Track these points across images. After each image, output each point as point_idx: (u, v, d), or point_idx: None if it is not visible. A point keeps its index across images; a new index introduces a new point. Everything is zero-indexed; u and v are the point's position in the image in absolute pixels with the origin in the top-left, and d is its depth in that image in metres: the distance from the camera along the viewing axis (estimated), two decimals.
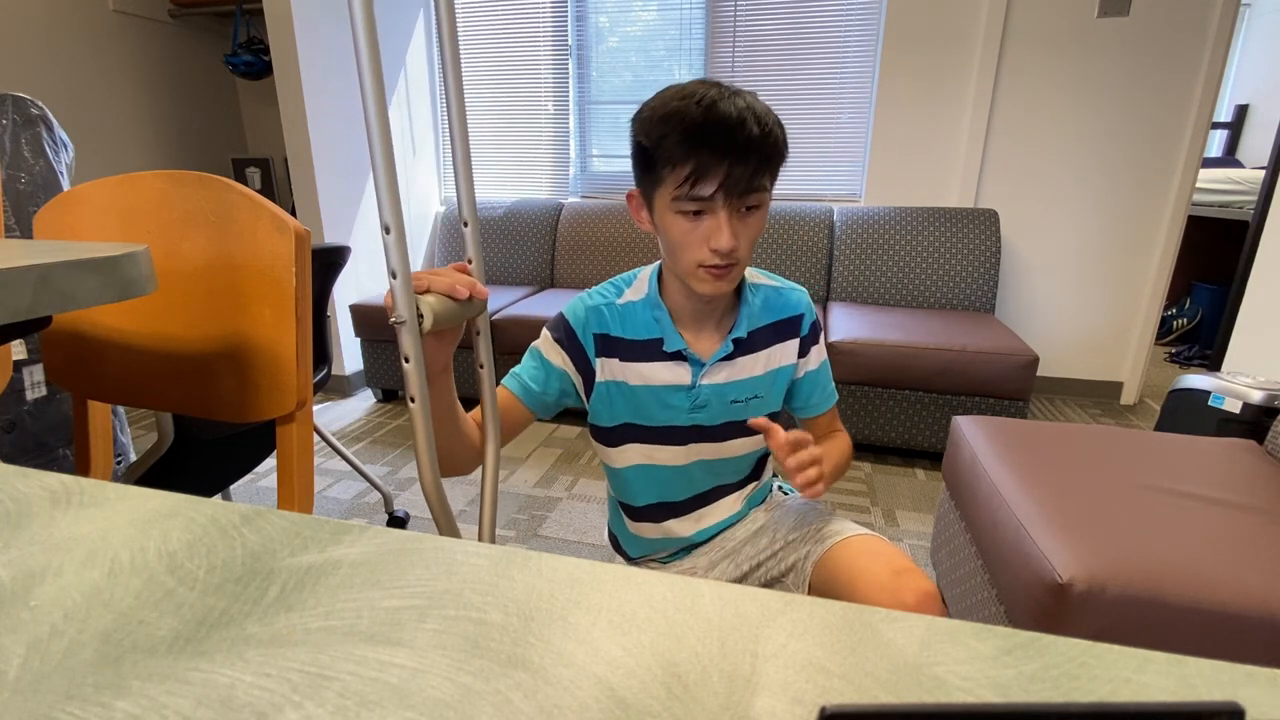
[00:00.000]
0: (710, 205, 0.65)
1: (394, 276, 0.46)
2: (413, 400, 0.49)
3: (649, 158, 0.66)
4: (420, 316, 0.48)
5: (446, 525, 0.56)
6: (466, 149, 0.54)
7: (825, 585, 0.74)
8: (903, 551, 0.74)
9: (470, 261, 0.57)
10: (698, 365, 0.77)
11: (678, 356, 0.77)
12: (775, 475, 0.95)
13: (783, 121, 0.68)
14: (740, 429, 0.81)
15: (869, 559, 0.72)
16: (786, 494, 0.92)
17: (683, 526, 0.85)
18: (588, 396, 0.80)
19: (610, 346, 0.78)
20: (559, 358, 0.78)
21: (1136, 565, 0.81)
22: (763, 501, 0.90)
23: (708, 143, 0.62)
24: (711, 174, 0.63)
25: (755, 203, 0.66)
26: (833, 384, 0.86)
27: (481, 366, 0.59)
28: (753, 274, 0.83)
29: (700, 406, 0.78)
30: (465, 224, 0.55)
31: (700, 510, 0.85)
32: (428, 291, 0.51)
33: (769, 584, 0.82)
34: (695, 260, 0.68)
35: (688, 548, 0.88)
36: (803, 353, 0.82)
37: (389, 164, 0.44)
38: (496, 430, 0.62)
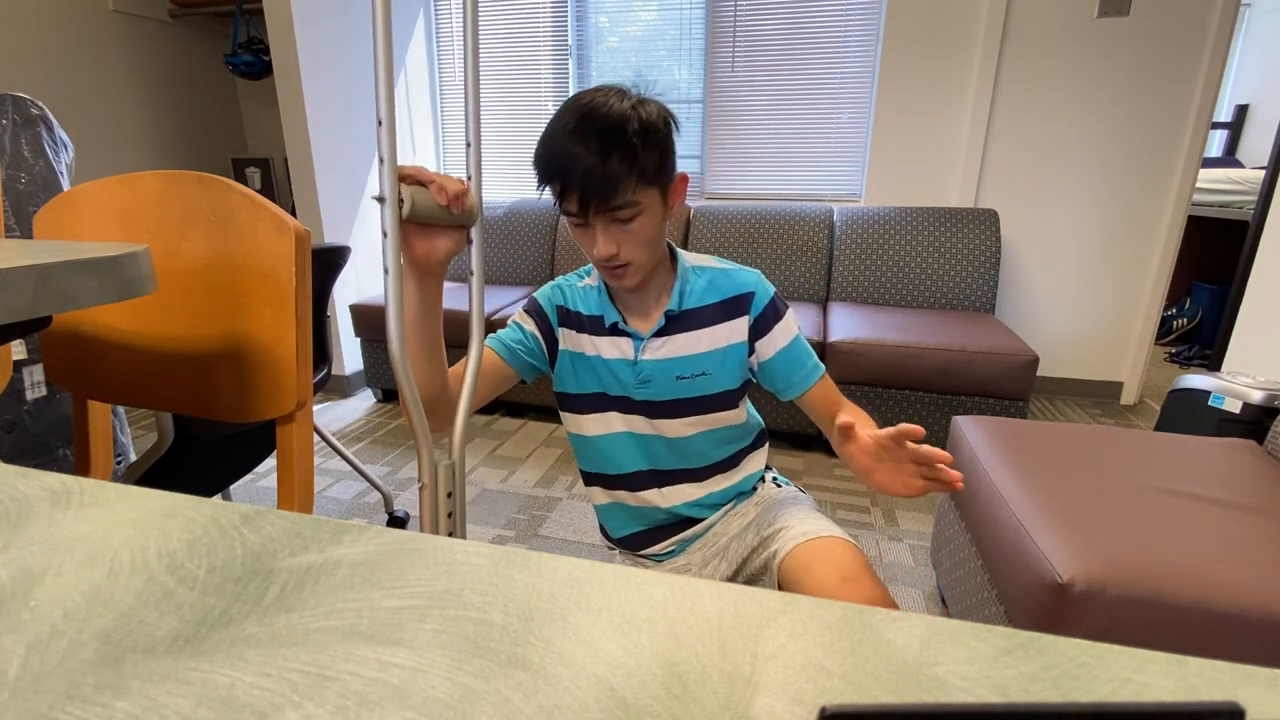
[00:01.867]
0: (584, 218, 0.70)
1: (381, 161, 0.51)
2: (386, 271, 0.54)
3: (539, 175, 0.72)
4: (401, 201, 0.54)
5: (413, 405, 0.58)
6: (476, 71, 0.57)
7: (787, 587, 0.75)
8: (859, 556, 0.74)
9: (470, 179, 0.60)
10: (638, 340, 0.81)
11: (618, 331, 0.82)
12: (769, 468, 0.94)
13: (671, 119, 0.72)
14: (691, 406, 0.82)
15: (820, 564, 0.73)
16: (780, 486, 0.92)
17: (660, 498, 0.87)
18: (552, 363, 0.86)
19: (569, 319, 0.85)
20: (529, 324, 0.84)
21: (1136, 565, 0.81)
22: (751, 491, 0.91)
23: (561, 169, 0.68)
24: (569, 196, 0.69)
25: (627, 215, 0.70)
26: (815, 358, 0.84)
27: (471, 274, 0.63)
28: (700, 259, 0.85)
29: (645, 381, 0.82)
30: (469, 144, 0.59)
31: (673, 486, 0.87)
32: (416, 183, 0.56)
33: (751, 581, 0.83)
34: (594, 261, 0.75)
35: (679, 546, 0.89)
36: (761, 332, 0.82)
37: (388, 64, 0.48)
38: (479, 345, 0.64)
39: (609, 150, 0.66)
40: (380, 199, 0.53)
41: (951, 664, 0.23)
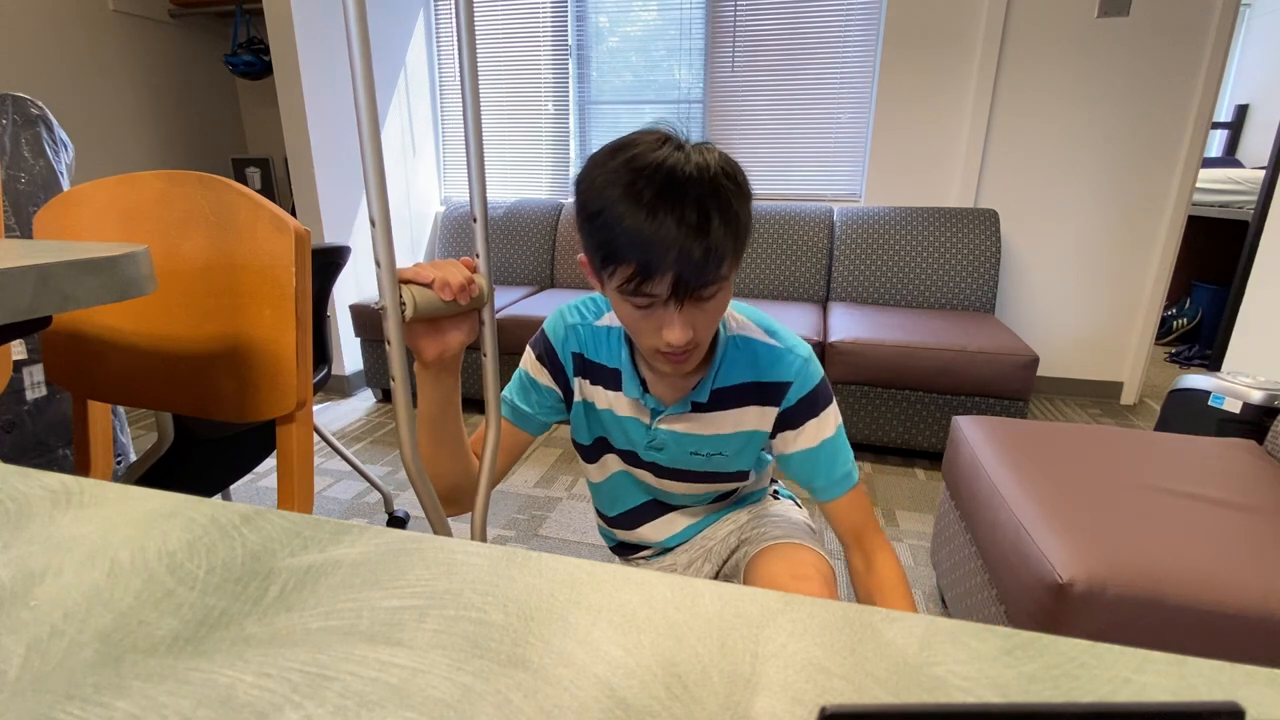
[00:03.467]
0: (671, 303, 0.58)
1: (379, 265, 0.49)
2: (393, 380, 0.52)
3: (592, 247, 0.59)
4: (403, 305, 0.51)
5: (429, 501, 0.57)
6: (480, 145, 0.55)
7: (748, 582, 0.76)
8: (820, 562, 0.74)
9: (477, 257, 0.57)
10: (657, 411, 0.73)
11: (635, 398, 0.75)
12: (775, 481, 0.93)
13: (744, 174, 0.60)
14: (699, 477, 0.78)
15: (779, 563, 0.73)
16: (778, 498, 0.90)
17: (655, 532, 0.86)
18: (569, 411, 0.80)
19: (584, 367, 0.76)
20: (544, 376, 0.77)
21: (1136, 565, 0.81)
22: (755, 503, 0.90)
23: (646, 251, 0.54)
24: (659, 277, 0.55)
25: (714, 293, 0.59)
26: (847, 467, 0.73)
27: (485, 355, 0.60)
28: (745, 325, 0.73)
29: (658, 448, 0.76)
30: (475, 220, 0.56)
31: (673, 515, 0.86)
32: (415, 282, 0.53)
33: (726, 579, 0.84)
34: (650, 346, 0.62)
35: (664, 549, 0.89)
36: (787, 424, 0.72)
37: (378, 163, 0.47)
38: (497, 423, 0.63)
39: (707, 222, 0.54)
40: (380, 308, 0.50)
41: (951, 664, 0.23)
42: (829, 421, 0.72)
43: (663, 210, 0.53)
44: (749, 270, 2.59)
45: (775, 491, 0.92)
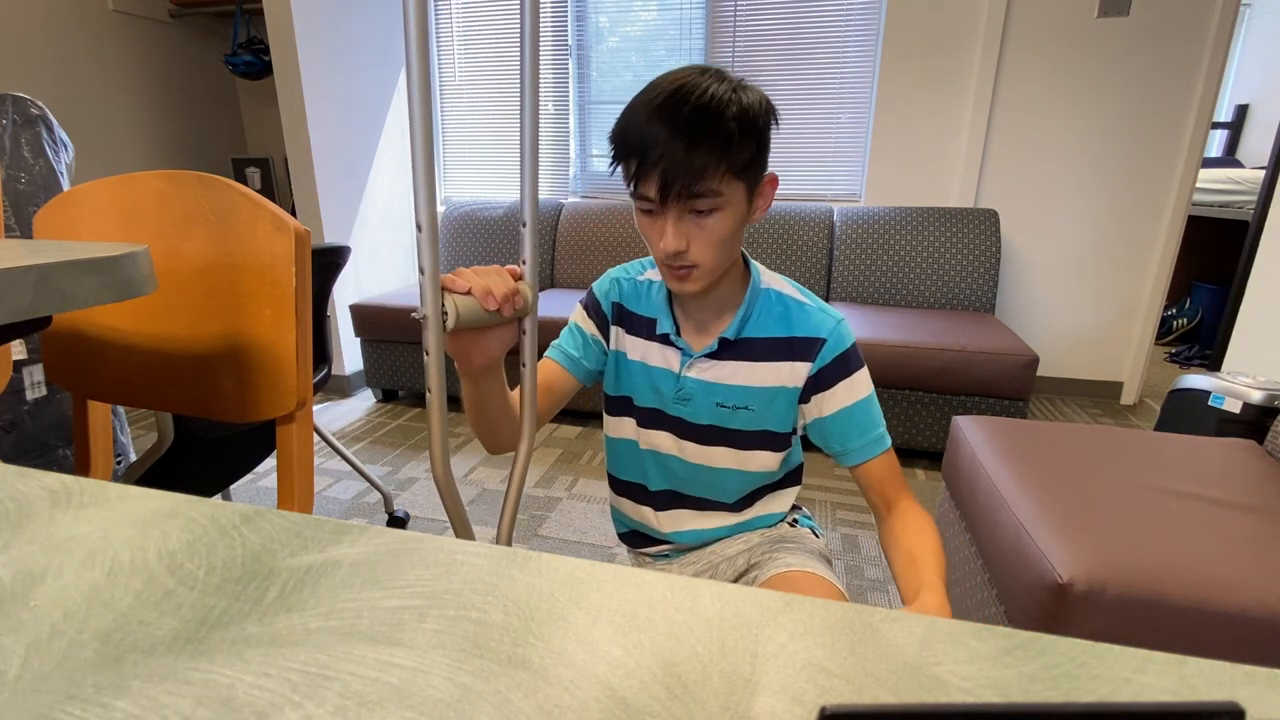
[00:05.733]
0: (658, 205, 0.63)
1: (422, 272, 0.47)
2: (429, 391, 0.50)
3: (615, 147, 0.66)
4: (445, 314, 0.49)
5: (457, 518, 0.57)
6: (535, 150, 0.55)
7: None
8: (829, 590, 0.73)
9: (523, 264, 0.57)
10: (686, 356, 0.76)
11: (668, 341, 0.76)
12: (797, 509, 0.89)
13: (772, 109, 0.66)
14: (726, 437, 0.77)
15: (788, 591, 0.72)
16: (795, 525, 0.86)
17: (657, 520, 0.84)
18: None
19: (622, 317, 0.80)
20: (589, 326, 0.80)
21: (1136, 565, 0.81)
22: (771, 528, 0.86)
23: (642, 147, 0.61)
24: (649, 177, 0.61)
25: (706, 206, 0.62)
26: (880, 429, 0.74)
27: (524, 366, 0.60)
28: (778, 281, 0.77)
29: (685, 399, 0.77)
30: (524, 225, 0.57)
31: (678, 511, 0.83)
32: (456, 290, 0.52)
33: None
34: (657, 256, 0.67)
35: (674, 552, 0.87)
36: (821, 385, 0.73)
37: (428, 170, 0.46)
38: (532, 427, 0.63)
39: (699, 134, 0.59)
40: (419, 317, 0.48)
41: (951, 664, 0.23)
42: (863, 383, 0.74)
43: (661, 116, 0.60)
44: None
45: (794, 519, 0.87)
